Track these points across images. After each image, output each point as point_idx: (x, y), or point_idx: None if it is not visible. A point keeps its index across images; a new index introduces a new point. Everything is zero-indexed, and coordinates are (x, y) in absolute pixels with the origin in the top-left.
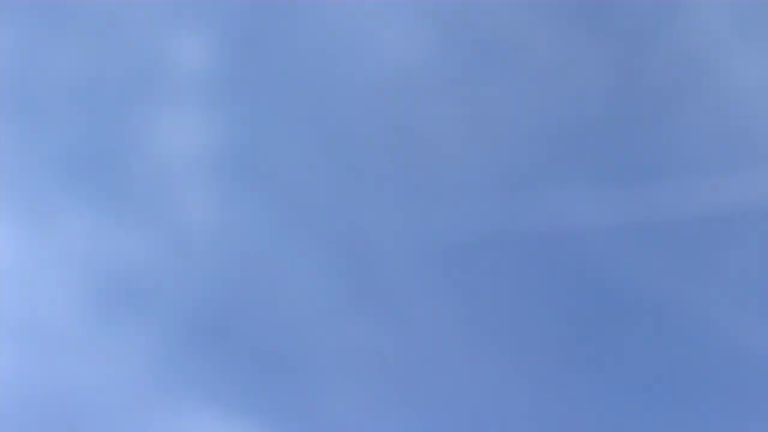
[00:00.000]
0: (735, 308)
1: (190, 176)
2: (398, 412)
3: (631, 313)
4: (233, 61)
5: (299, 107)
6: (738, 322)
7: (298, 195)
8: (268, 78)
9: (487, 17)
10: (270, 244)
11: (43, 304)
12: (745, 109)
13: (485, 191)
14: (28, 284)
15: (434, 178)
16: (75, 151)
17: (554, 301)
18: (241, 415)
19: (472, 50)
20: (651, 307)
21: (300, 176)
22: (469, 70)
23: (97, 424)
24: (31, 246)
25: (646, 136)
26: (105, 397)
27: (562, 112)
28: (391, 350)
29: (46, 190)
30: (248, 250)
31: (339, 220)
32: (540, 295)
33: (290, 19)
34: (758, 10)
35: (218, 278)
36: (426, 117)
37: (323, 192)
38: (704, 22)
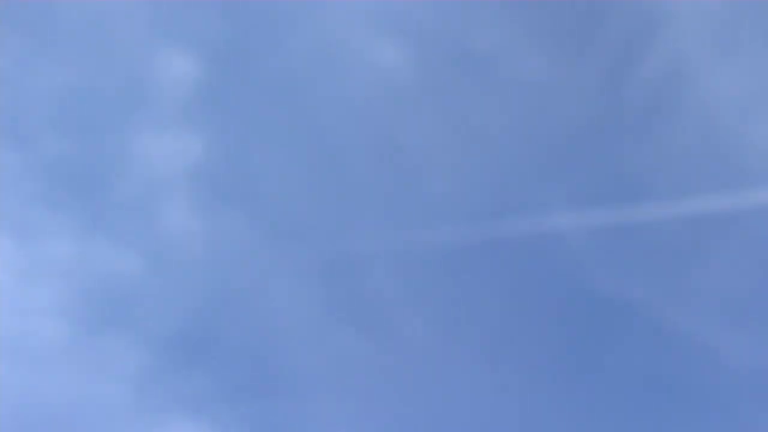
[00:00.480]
0: (713, 316)
1: (175, 190)
2: (382, 418)
3: (612, 318)
4: (217, 76)
5: (282, 120)
6: (716, 331)
7: (281, 206)
8: (251, 92)
9: (471, 31)
10: (254, 257)
11: (29, 316)
12: (725, 120)
13: (468, 199)
14: (15, 297)
15: (417, 187)
16: (60, 166)
17: (536, 305)
18: (225, 426)
19: (456, 64)
20: (631, 313)
21: (283, 188)
22: (453, 82)
23: None
24: (18, 259)
25: (629, 146)
26: (90, 407)
27: (546, 121)
28: (375, 357)
29: (32, 204)
30: (232, 262)
31: (321, 231)
32: (522, 301)
33: (273, 36)
34: (738, 27)
35: (202, 291)
36: (409, 129)
37: (307, 204)
38: (685, 38)
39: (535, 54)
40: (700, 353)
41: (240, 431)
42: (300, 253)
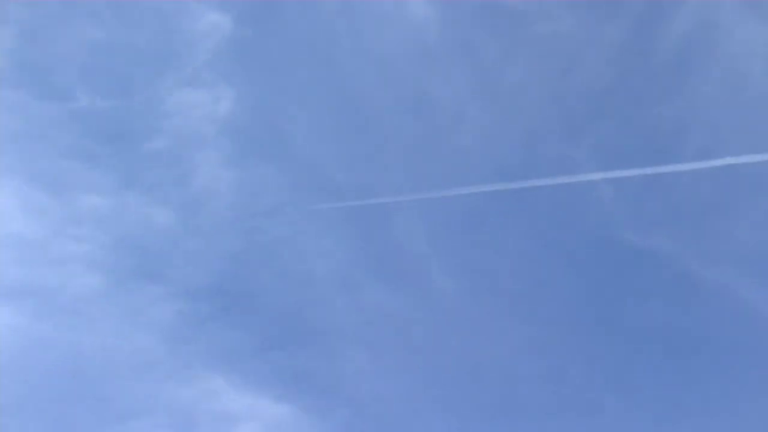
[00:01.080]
0: (744, 268)
1: (207, 143)
2: (411, 370)
3: (641, 269)
4: (249, 31)
5: (312, 74)
6: (746, 283)
7: (311, 160)
8: (282, 47)
9: None
10: (285, 210)
11: (64, 268)
12: (754, 74)
13: (498, 152)
14: (49, 249)
15: (447, 141)
16: (94, 120)
17: (566, 257)
18: (255, 377)
19: (485, 19)
20: (661, 264)
21: (313, 142)
22: (482, 37)
23: (112, 383)
24: (52, 212)
25: (659, 100)
26: (122, 357)
27: (575, 75)
28: (405, 309)
29: (67, 158)
30: (263, 215)
31: (351, 184)
32: (551, 253)
33: None
34: None
35: (233, 243)
36: (438, 83)
37: (336, 157)
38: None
39: (565, 9)
40: (729, 304)
41: (270, 383)
42: (330, 206)
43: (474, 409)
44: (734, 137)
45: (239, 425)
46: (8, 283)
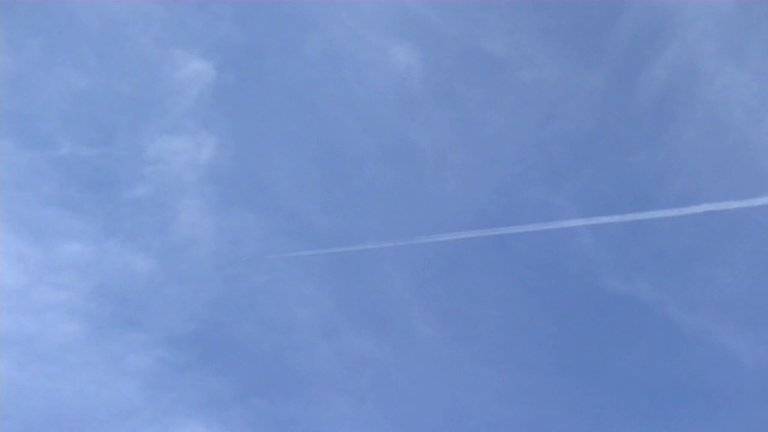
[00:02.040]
0: (725, 315)
1: (189, 190)
2: (392, 417)
3: (622, 316)
4: (231, 78)
5: (294, 121)
6: (728, 330)
7: (293, 206)
8: (264, 94)
9: (481, 34)
10: (266, 260)
11: (44, 315)
12: (734, 123)
13: (479, 199)
14: (29, 296)
15: (428, 188)
16: (75, 168)
17: (547, 304)
18: (235, 425)
19: (467, 66)
20: (642, 311)
21: (295, 188)
22: (464, 85)
23: (92, 431)
24: (33, 259)
25: (639, 147)
26: (102, 405)
27: (557, 122)
28: (386, 356)
29: (48, 205)
30: (244, 264)
31: (333, 230)
32: (533, 300)
33: (286, 39)
34: (747, 30)
35: (214, 290)
36: (420, 129)
37: (318, 204)
38: (695, 42)
39: (546, 57)
40: (710, 349)
41: (250, 430)
42: (311, 252)
43: None
44: (714, 184)
45: None
46: None
